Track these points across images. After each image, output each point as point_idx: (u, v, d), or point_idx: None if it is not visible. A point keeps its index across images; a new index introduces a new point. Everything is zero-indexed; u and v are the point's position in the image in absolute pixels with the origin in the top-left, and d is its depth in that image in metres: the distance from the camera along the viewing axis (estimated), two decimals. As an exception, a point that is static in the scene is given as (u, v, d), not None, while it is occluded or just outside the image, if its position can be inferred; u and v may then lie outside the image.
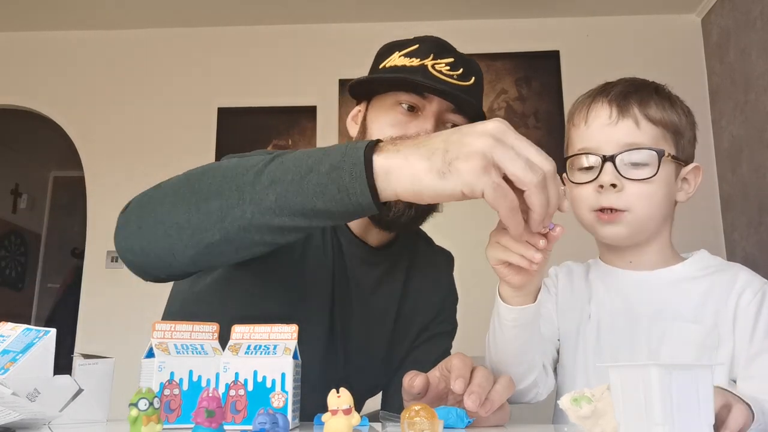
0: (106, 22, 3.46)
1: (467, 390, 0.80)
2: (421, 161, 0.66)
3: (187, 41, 3.50)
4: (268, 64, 3.45)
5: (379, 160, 0.68)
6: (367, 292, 1.10)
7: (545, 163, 0.65)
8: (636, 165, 0.91)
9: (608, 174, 0.91)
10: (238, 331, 0.78)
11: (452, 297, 1.25)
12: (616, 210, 0.92)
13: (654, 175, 0.90)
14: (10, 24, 3.49)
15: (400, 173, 0.67)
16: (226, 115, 3.39)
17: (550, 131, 3.31)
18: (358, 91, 1.10)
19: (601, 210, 0.93)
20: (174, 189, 0.82)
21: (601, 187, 0.91)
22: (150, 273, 0.87)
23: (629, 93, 0.94)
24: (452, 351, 1.17)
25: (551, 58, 3.37)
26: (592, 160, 0.93)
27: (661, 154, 0.90)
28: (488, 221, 0.77)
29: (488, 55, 3.31)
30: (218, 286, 1.06)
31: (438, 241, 1.28)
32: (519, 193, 0.66)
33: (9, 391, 0.74)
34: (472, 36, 3.16)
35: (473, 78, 1.03)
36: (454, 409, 0.79)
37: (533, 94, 3.37)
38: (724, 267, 0.96)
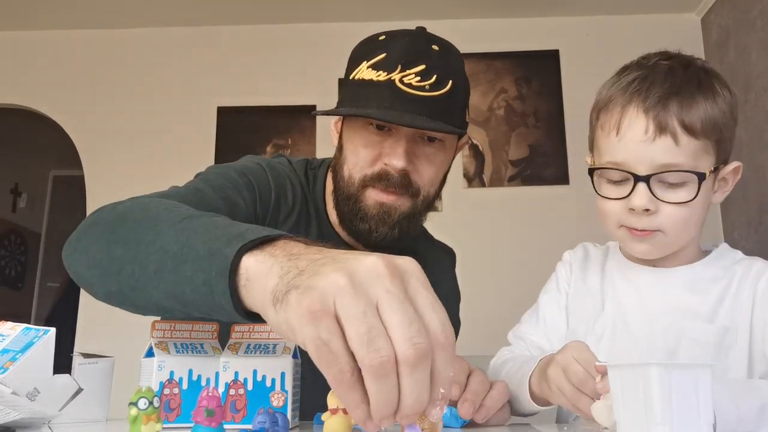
0: (106, 21, 3.46)
1: (461, 397, 0.79)
2: (274, 277, 0.50)
3: (187, 41, 3.50)
4: (268, 63, 3.45)
5: (247, 261, 0.54)
6: None
7: (412, 342, 0.44)
8: (672, 185, 0.83)
9: (641, 198, 0.83)
10: (238, 330, 0.78)
11: (454, 295, 1.21)
12: (648, 230, 0.87)
13: (693, 198, 0.83)
14: (10, 24, 3.48)
15: (256, 285, 0.53)
16: (225, 115, 3.39)
17: (549, 130, 3.31)
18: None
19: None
20: (106, 222, 0.75)
21: (633, 209, 0.85)
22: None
23: (669, 97, 0.83)
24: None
25: (551, 58, 3.37)
26: (623, 176, 0.85)
27: (701, 178, 0.82)
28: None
29: (488, 55, 3.29)
30: None
31: (438, 237, 1.24)
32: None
33: (9, 390, 0.73)
34: (472, 35, 3.15)
35: (449, 82, 0.95)
36: (448, 408, 0.79)
37: (533, 93, 3.37)
38: (741, 260, 0.95)
